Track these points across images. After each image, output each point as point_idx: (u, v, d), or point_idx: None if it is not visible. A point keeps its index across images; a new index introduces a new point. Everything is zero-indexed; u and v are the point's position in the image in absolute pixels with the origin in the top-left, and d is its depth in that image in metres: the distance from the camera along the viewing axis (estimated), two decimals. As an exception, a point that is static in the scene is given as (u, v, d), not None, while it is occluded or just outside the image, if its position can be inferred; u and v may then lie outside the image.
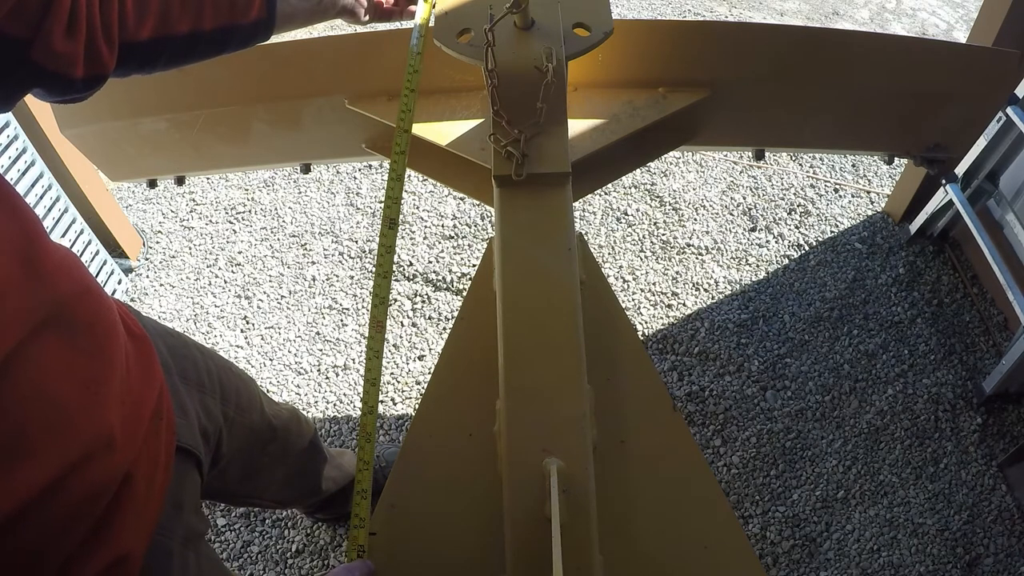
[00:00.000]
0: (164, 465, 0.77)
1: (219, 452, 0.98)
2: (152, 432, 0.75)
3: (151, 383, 0.78)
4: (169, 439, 0.80)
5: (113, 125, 1.42)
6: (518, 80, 1.00)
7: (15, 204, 0.62)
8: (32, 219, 0.64)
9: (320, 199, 2.50)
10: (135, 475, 0.70)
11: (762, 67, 1.31)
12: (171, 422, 0.81)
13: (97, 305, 0.70)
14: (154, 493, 0.74)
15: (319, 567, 1.69)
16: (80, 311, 0.66)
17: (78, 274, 0.69)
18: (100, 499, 0.66)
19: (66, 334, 0.63)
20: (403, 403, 1.96)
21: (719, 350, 2.03)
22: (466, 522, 0.85)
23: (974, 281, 2.16)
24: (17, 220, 0.62)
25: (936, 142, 1.42)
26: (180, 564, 0.79)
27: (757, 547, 1.70)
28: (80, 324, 0.66)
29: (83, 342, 0.66)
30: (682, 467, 0.89)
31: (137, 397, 0.73)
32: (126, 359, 0.73)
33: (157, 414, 0.77)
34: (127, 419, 0.70)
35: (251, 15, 0.84)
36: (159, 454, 0.76)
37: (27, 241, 0.62)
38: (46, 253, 0.64)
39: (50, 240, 0.66)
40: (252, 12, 0.84)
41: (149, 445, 0.74)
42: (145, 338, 0.81)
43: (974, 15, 2.13)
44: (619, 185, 2.48)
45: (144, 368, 0.77)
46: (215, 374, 1.00)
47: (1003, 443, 1.84)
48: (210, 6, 0.80)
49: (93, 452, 0.64)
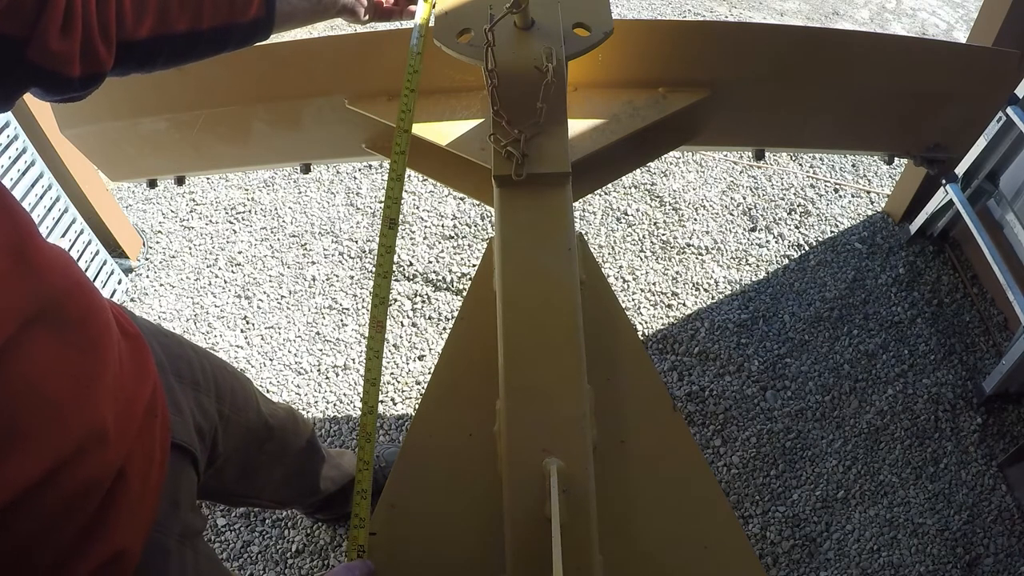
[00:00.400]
0: (159, 462, 0.77)
1: (215, 451, 0.98)
2: (146, 428, 0.75)
3: (145, 380, 0.78)
4: (164, 436, 0.80)
5: (113, 125, 1.42)
6: (518, 80, 1.00)
7: (6, 201, 0.62)
8: (24, 217, 0.64)
9: (320, 199, 2.50)
10: (129, 471, 0.70)
11: (762, 67, 1.31)
12: (166, 419, 0.81)
13: (89, 302, 0.70)
14: (149, 490, 0.74)
15: (319, 567, 1.69)
16: (72, 307, 0.67)
17: (70, 271, 0.69)
18: (93, 494, 0.66)
19: (57, 329, 0.64)
20: (403, 403, 1.96)
21: (719, 350, 2.03)
22: (466, 522, 0.85)
23: (974, 281, 2.16)
24: (8, 216, 0.62)
25: (936, 142, 1.42)
26: (177, 561, 0.79)
27: (757, 547, 1.70)
28: (72, 320, 0.66)
29: (75, 337, 0.66)
30: (682, 467, 0.89)
31: (130, 393, 0.74)
32: (119, 356, 0.73)
33: (151, 411, 0.77)
34: (120, 415, 0.70)
35: (250, 14, 0.84)
36: (154, 450, 0.76)
37: (18, 237, 0.62)
38: (38, 250, 0.64)
39: (42, 239, 0.66)
40: (251, 11, 0.84)
41: (143, 441, 0.74)
42: (139, 336, 0.81)
43: (974, 15, 2.13)
44: (619, 185, 2.48)
45: (137, 365, 0.77)
46: (210, 373, 1.00)
47: (1003, 443, 1.84)
48: (209, 5, 0.80)
49: (85, 446, 0.64)
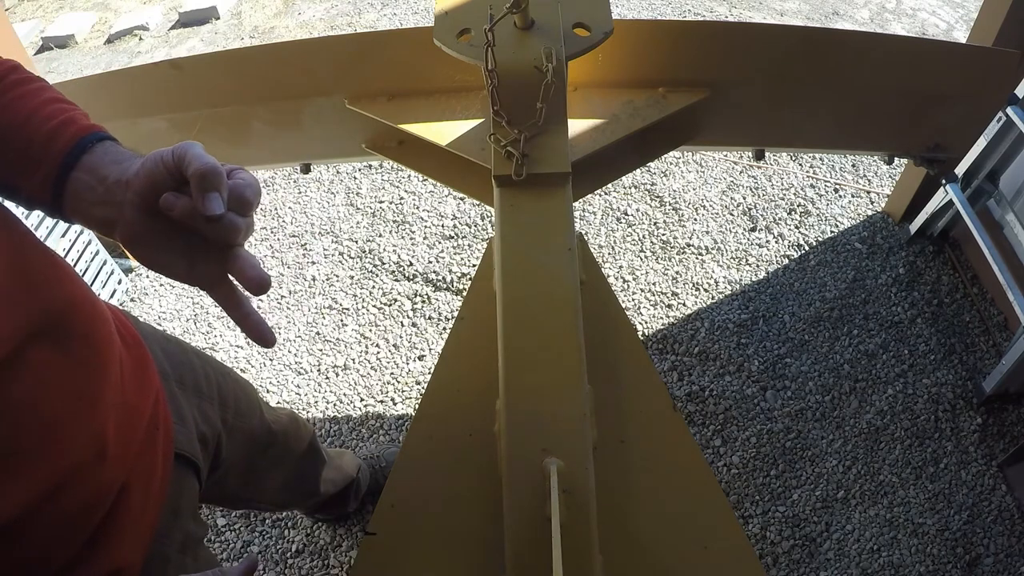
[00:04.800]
0: (161, 474, 0.76)
1: (218, 458, 0.97)
2: (148, 442, 0.74)
3: (147, 392, 0.77)
4: (167, 448, 0.79)
5: (112, 125, 1.41)
6: (518, 80, 1.00)
7: (6, 218, 0.61)
8: (22, 229, 0.63)
9: (320, 199, 2.50)
10: (131, 485, 0.70)
11: (762, 67, 1.31)
12: (168, 430, 0.80)
13: (91, 314, 0.69)
14: (151, 503, 0.74)
15: (319, 567, 1.69)
16: (73, 321, 0.66)
17: (72, 284, 0.68)
18: (95, 511, 0.65)
19: (59, 345, 0.62)
20: (403, 403, 1.96)
21: (719, 350, 2.03)
22: (466, 522, 0.85)
23: (974, 281, 2.16)
24: (7, 231, 0.61)
25: (936, 142, 1.42)
26: (177, 569, 0.79)
27: (757, 547, 1.70)
28: (74, 334, 0.65)
29: (77, 352, 0.65)
30: (682, 467, 0.89)
31: (133, 407, 0.73)
32: (120, 369, 0.72)
33: (153, 423, 0.76)
34: (122, 429, 0.69)
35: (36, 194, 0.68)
36: (156, 464, 0.75)
37: (18, 253, 0.61)
38: (38, 264, 0.63)
39: (43, 249, 0.65)
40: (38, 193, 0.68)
41: (146, 455, 0.73)
42: (141, 346, 0.81)
43: (974, 15, 2.13)
44: (619, 185, 2.48)
45: (139, 377, 0.77)
46: (213, 380, 0.99)
47: (1003, 443, 1.84)
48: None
49: (86, 463, 0.64)
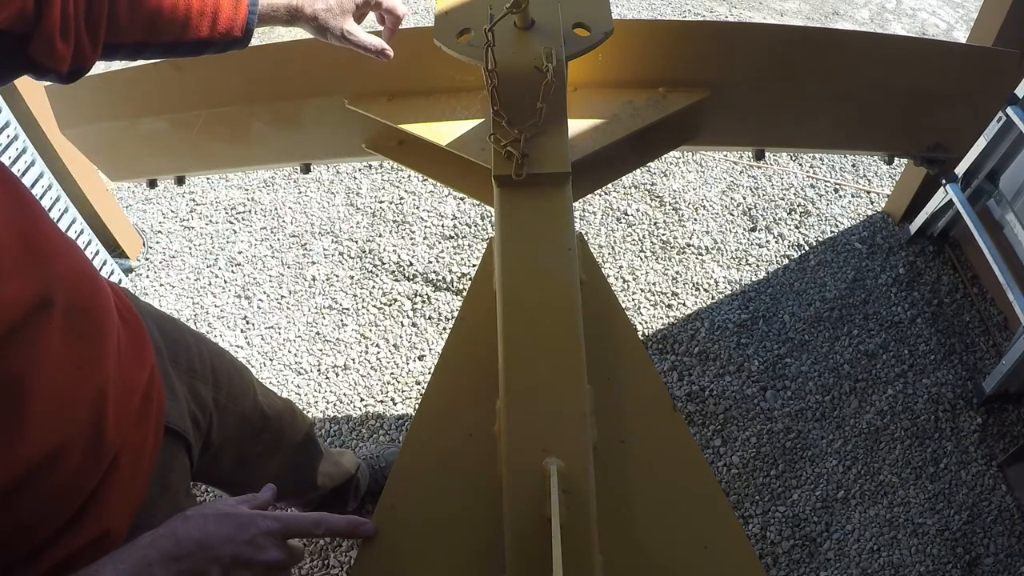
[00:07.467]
0: (151, 446, 0.79)
1: (209, 438, 0.99)
2: (142, 415, 0.78)
3: (142, 366, 0.80)
4: (159, 421, 0.82)
5: (113, 125, 1.42)
6: (518, 80, 1.00)
7: (15, 185, 0.64)
8: (32, 202, 0.66)
9: (320, 199, 2.50)
10: (122, 455, 0.72)
11: (762, 67, 1.31)
12: (161, 404, 0.83)
13: (93, 289, 0.72)
14: (140, 472, 0.76)
15: (319, 567, 1.69)
16: (77, 294, 0.68)
17: (77, 258, 0.71)
18: (90, 477, 0.68)
19: (63, 316, 0.65)
20: (403, 403, 1.96)
21: (719, 350, 2.03)
22: (466, 522, 0.85)
23: (974, 281, 2.16)
24: (17, 200, 0.63)
25: (936, 142, 1.42)
26: None
27: (757, 547, 1.70)
28: (77, 307, 0.67)
29: (79, 324, 0.67)
30: (682, 467, 0.89)
31: (129, 380, 0.76)
32: (118, 343, 0.75)
33: (147, 397, 0.79)
34: (117, 402, 0.72)
35: (233, 33, 0.91)
36: (147, 436, 0.78)
37: (27, 221, 0.64)
38: (47, 236, 0.66)
39: (51, 225, 0.68)
40: (234, 31, 0.91)
41: (138, 427, 0.76)
42: (138, 322, 0.84)
43: (974, 15, 2.13)
44: (619, 185, 2.47)
45: (136, 352, 0.80)
46: (207, 359, 1.02)
47: (1003, 443, 1.84)
48: (195, 23, 0.86)
49: (84, 432, 0.66)
